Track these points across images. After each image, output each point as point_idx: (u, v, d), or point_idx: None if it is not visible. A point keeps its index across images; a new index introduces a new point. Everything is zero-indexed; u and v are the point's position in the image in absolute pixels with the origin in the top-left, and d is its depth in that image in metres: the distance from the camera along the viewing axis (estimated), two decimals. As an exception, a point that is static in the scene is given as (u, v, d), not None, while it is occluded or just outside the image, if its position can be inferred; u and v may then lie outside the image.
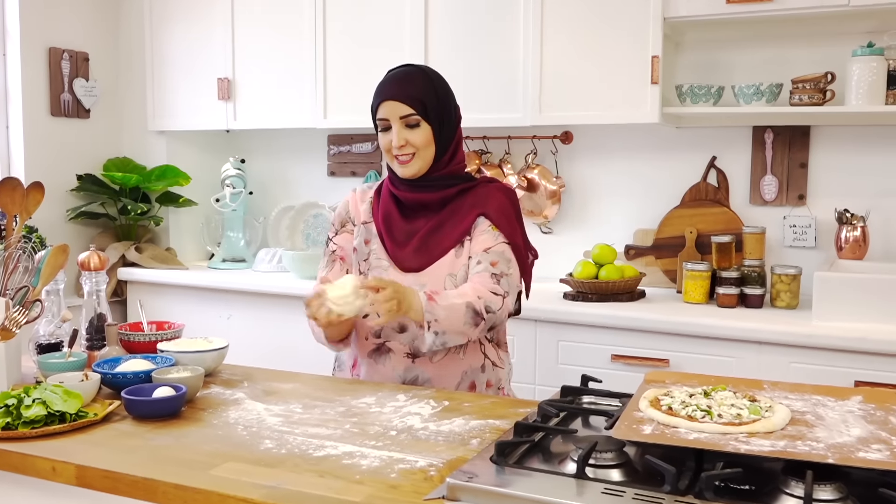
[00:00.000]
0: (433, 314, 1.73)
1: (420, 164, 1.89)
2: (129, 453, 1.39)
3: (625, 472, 1.25)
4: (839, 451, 1.22)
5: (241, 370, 1.98)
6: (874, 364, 2.32)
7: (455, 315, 1.75)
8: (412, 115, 1.87)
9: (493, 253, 1.87)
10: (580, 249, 3.23)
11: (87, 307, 2.03)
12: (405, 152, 1.88)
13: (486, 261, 1.86)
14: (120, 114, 3.94)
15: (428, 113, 1.88)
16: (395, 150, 1.88)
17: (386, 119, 1.89)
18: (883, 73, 2.58)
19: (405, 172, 1.90)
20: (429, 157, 1.90)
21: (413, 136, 1.87)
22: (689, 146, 3.14)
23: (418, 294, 1.75)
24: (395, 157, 1.90)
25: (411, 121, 1.87)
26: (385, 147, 1.91)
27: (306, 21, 3.40)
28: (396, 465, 1.33)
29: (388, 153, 1.91)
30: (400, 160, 1.89)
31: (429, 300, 1.74)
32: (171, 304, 3.50)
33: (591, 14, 2.89)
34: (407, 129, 1.87)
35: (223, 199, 3.76)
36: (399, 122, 1.87)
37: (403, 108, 1.87)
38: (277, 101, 3.51)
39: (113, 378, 1.71)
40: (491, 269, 1.85)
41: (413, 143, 1.87)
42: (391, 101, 1.87)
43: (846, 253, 2.80)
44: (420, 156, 1.89)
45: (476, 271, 1.86)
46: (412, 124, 1.87)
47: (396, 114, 1.87)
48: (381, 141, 1.91)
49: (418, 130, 1.88)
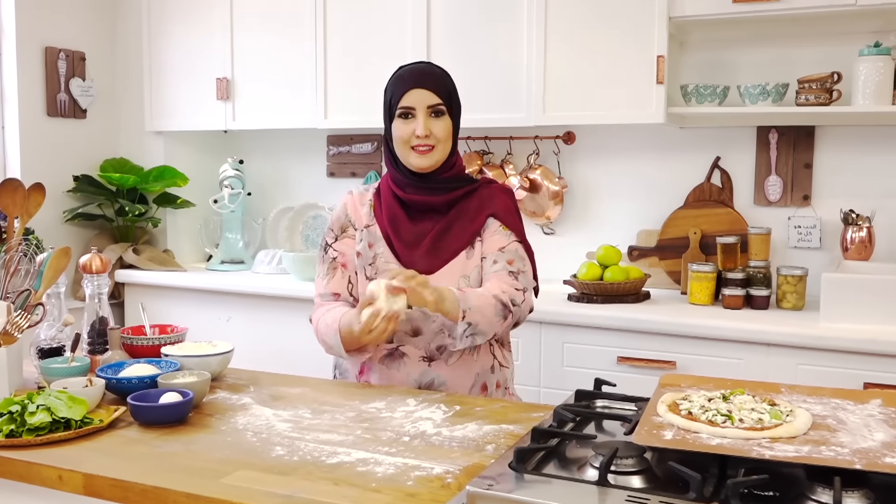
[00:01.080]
0: (467, 303, 1.74)
1: (437, 156, 1.87)
2: (138, 461, 1.36)
3: (646, 479, 1.23)
4: (865, 457, 1.19)
5: (247, 374, 1.95)
6: (883, 365, 2.30)
7: (486, 305, 1.76)
8: (440, 104, 1.86)
9: (508, 252, 1.88)
10: (583, 250, 3.20)
11: (88, 311, 1.99)
12: (427, 142, 1.85)
13: (502, 259, 1.87)
14: (117, 114, 3.91)
15: (452, 106, 1.89)
16: (417, 139, 1.85)
17: (411, 107, 1.85)
18: (890, 73, 2.57)
19: (421, 163, 1.87)
20: (446, 152, 1.89)
21: (437, 127, 1.86)
22: (692, 146, 3.12)
23: (451, 290, 1.75)
24: (413, 147, 1.86)
25: (438, 110, 1.86)
26: (403, 138, 1.87)
27: (307, 20, 3.36)
28: (412, 472, 1.30)
29: (404, 144, 1.87)
30: (419, 150, 1.86)
31: (460, 292, 1.76)
32: (169, 307, 3.46)
33: (595, 14, 2.86)
34: (432, 119, 1.86)
35: (221, 200, 3.72)
36: (426, 111, 1.85)
37: (432, 97, 1.85)
38: (277, 102, 3.48)
39: (118, 383, 1.68)
40: (508, 268, 1.86)
41: (436, 133, 1.86)
42: (420, 90, 1.85)
43: (852, 254, 2.78)
44: (439, 149, 1.87)
45: (494, 270, 1.86)
46: (438, 113, 1.86)
47: (424, 102, 1.85)
48: (400, 130, 1.87)
49: (442, 122, 1.87)
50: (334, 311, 1.88)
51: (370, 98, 3.27)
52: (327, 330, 1.85)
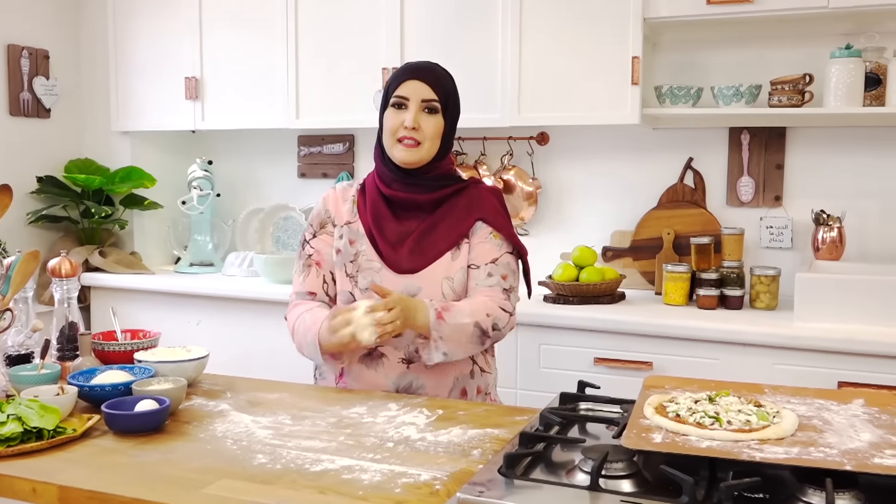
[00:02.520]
0: (439, 332, 1.73)
1: (422, 154, 1.84)
2: (115, 471, 1.32)
3: (636, 483, 1.22)
4: (854, 458, 1.19)
5: (223, 380, 1.91)
6: (857, 365, 2.32)
7: (461, 335, 1.76)
8: (434, 100, 1.84)
9: (500, 265, 1.87)
10: (557, 251, 3.20)
11: (57, 316, 1.94)
12: (413, 136, 1.82)
13: (496, 274, 1.86)
14: (82, 113, 3.82)
15: (447, 106, 1.86)
16: (405, 131, 1.82)
17: (406, 97, 1.83)
18: (861, 75, 2.59)
19: (405, 157, 1.84)
20: (433, 150, 1.86)
21: (427, 123, 1.83)
22: (665, 147, 3.14)
23: (428, 309, 1.73)
24: (399, 140, 1.84)
25: (432, 106, 1.84)
26: (392, 128, 1.84)
27: (278, 19, 3.32)
28: (399, 479, 1.28)
29: (392, 135, 1.85)
30: (405, 143, 1.83)
31: (437, 318, 1.73)
32: (137, 311, 3.39)
33: (570, 14, 2.86)
34: (423, 114, 1.83)
35: (190, 201, 3.66)
36: (419, 104, 1.83)
37: (428, 91, 1.83)
38: (248, 101, 3.42)
39: (90, 391, 1.63)
40: (503, 284, 1.86)
41: (425, 129, 1.83)
42: (417, 81, 1.83)
43: (823, 254, 2.81)
44: (425, 146, 1.84)
45: (487, 284, 1.85)
46: (431, 109, 1.84)
47: (419, 95, 1.83)
48: (390, 121, 1.84)
49: (433, 119, 1.84)
50: (314, 312, 1.85)
51: (344, 98, 3.25)
52: (305, 332, 1.82)
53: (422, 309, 1.74)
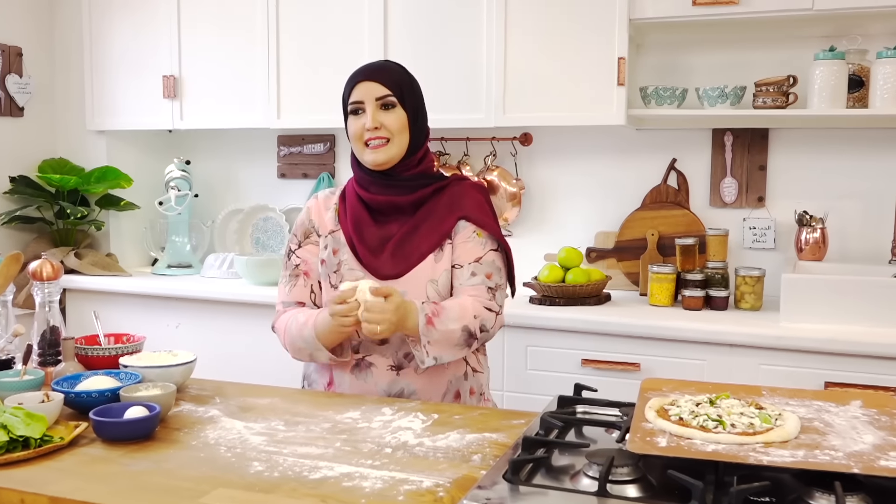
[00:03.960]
0: (429, 337, 1.71)
1: (393, 151, 1.81)
2: (107, 481, 1.28)
3: (642, 488, 1.20)
4: (860, 461, 1.19)
5: (210, 385, 1.87)
6: (843, 365, 2.34)
7: (450, 339, 1.74)
8: (388, 95, 1.80)
9: (485, 264, 1.84)
10: (541, 252, 3.19)
11: (38, 320, 1.88)
12: (378, 135, 1.80)
13: (480, 273, 1.83)
14: (56, 112, 3.74)
15: (404, 97, 1.82)
16: (368, 133, 1.79)
17: (360, 101, 1.81)
18: (844, 77, 2.61)
19: (376, 159, 1.81)
20: (403, 146, 1.83)
21: (388, 120, 1.80)
22: (648, 148, 3.14)
23: (419, 312, 1.71)
24: (365, 143, 1.81)
25: (387, 101, 1.81)
26: (356, 133, 1.82)
27: (259, 16, 3.27)
28: (401, 485, 1.25)
29: (358, 141, 1.82)
30: (371, 145, 1.80)
31: (427, 323, 1.71)
32: (114, 314, 3.32)
33: (556, 15, 2.85)
34: (382, 112, 1.80)
35: (167, 202, 3.59)
36: (374, 103, 1.80)
37: (379, 88, 1.80)
38: (228, 100, 3.37)
39: (76, 397, 1.58)
40: (487, 283, 1.83)
41: (388, 126, 1.80)
42: (367, 82, 1.80)
43: (806, 254, 2.83)
44: (394, 142, 1.81)
45: (472, 284, 1.82)
46: (388, 105, 1.81)
47: (372, 95, 1.80)
48: (352, 127, 1.82)
49: (393, 113, 1.81)
50: (305, 311, 1.83)
51: (326, 98, 3.20)
52: (300, 329, 1.79)
53: (413, 312, 1.71)
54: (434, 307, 1.74)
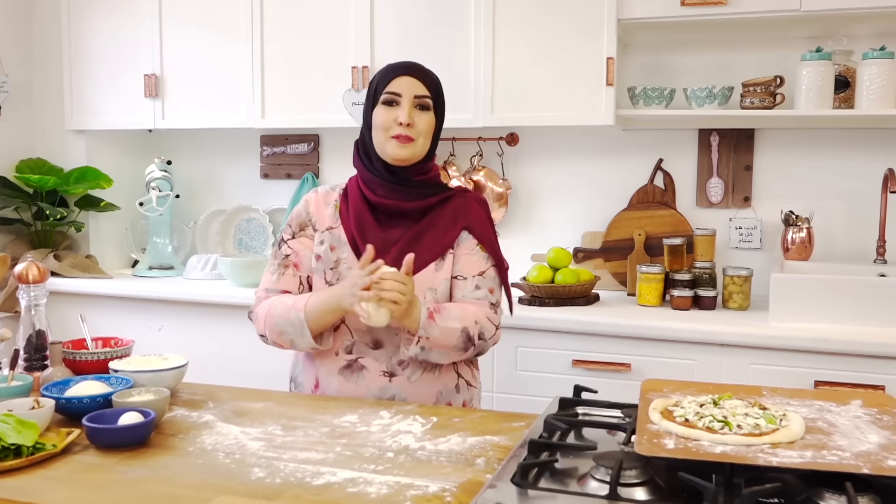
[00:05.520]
0: (427, 332, 1.70)
1: (416, 150, 1.80)
2: (104, 490, 1.24)
3: (651, 490, 1.19)
4: (868, 461, 1.19)
5: (202, 389, 1.83)
6: (833, 364, 2.35)
7: (448, 338, 1.73)
8: (427, 97, 1.80)
9: (487, 278, 1.84)
10: (528, 252, 3.18)
11: (24, 324, 1.84)
12: (408, 132, 1.78)
13: (484, 287, 1.83)
14: (34, 111, 3.67)
15: (437, 103, 1.83)
16: (399, 128, 1.77)
17: (398, 94, 1.79)
18: (831, 78, 2.63)
19: (399, 153, 1.79)
20: (424, 148, 1.82)
21: (420, 120, 1.79)
22: (635, 148, 3.14)
23: (421, 306, 1.70)
24: (393, 136, 1.78)
25: (424, 102, 1.80)
26: (385, 124, 1.79)
27: (243, 14, 3.23)
28: (407, 490, 1.23)
29: (385, 132, 1.79)
30: (400, 139, 1.78)
31: (428, 318, 1.70)
32: (95, 316, 3.25)
33: (544, 14, 2.84)
34: (416, 111, 1.79)
35: (148, 202, 3.53)
36: (412, 100, 1.79)
37: (421, 87, 1.80)
38: (211, 100, 3.32)
39: (68, 403, 1.54)
40: (490, 298, 1.83)
41: (418, 125, 1.79)
42: (410, 77, 1.79)
43: (792, 254, 2.85)
44: (419, 143, 1.80)
45: (476, 296, 1.82)
46: (424, 106, 1.80)
47: (412, 91, 1.79)
48: (382, 116, 1.79)
49: (426, 115, 1.81)
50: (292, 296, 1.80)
51: (311, 97, 3.18)
52: (285, 311, 1.76)
53: (417, 304, 1.70)
54: (436, 305, 1.74)
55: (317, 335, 1.76)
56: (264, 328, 1.82)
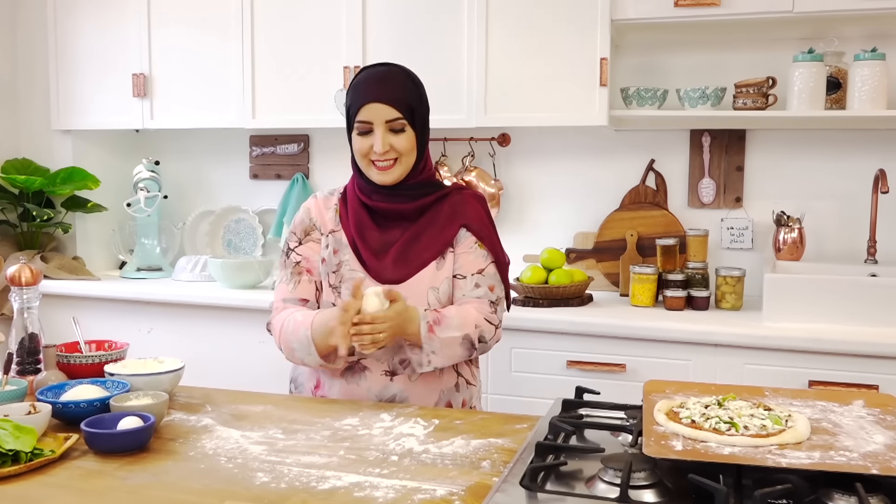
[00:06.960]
0: (430, 346, 1.71)
1: (400, 170, 1.78)
2: (106, 496, 1.22)
3: (660, 493, 1.19)
4: (876, 461, 1.19)
5: (199, 392, 1.81)
6: (826, 363, 2.36)
7: (450, 348, 1.74)
8: (399, 119, 1.75)
9: (487, 276, 1.83)
10: (520, 253, 3.18)
11: (16, 327, 1.81)
12: (387, 158, 1.76)
13: (484, 285, 1.82)
14: (19, 111, 3.62)
15: (414, 118, 1.78)
16: (377, 155, 1.76)
17: (369, 122, 1.75)
18: (823, 79, 2.64)
19: (384, 179, 1.78)
20: (409, 164, 1.80)
21: (397, 142, 1.76)
22: (627, 149, 3.15)
23: (421, 320, 1.70)
24: (372, 162, 1.77)
25: (397, 125, 1.75)
26: (362, 152, 1.78)
27: (233, 14, 3.20)
28: (414, 495, 1.22)
29: (364, 158, 1.78)
30: (379, 167, 1.77)
31: (429, 331, 1.70)
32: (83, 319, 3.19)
33: (538, 14, 2.84)
34: (391, 134, 1.75)
35: (136, 203, 3.50)
36: (384, 126, 1.74)
37: (390, 111, 1.74)
38: (201, 99, 3.29)
39: (64, 408, 1.52)
40: (490, 296, 1.82)
41: (397, 148, 1.76)
42: (376, 104, 1.74)
43: (784, 254, 2.86)
44: (402, 162, 1.78)
45: (475, 295, 1.81)
46: (397, 129, 1.75)
47: (382, 118, 1.74)
48: (359, 144, 1.78)
49: (403, 136, 1.76)
50: (304, 311, 1.78)
51: (302, 97, 3.15)
52: (296, 329, 1.74)
53: (415, 319, 1.70)
54: (436, 315, 1.73)
55: (324, 354, 1.73)
56: (279, 345, 1.81)
